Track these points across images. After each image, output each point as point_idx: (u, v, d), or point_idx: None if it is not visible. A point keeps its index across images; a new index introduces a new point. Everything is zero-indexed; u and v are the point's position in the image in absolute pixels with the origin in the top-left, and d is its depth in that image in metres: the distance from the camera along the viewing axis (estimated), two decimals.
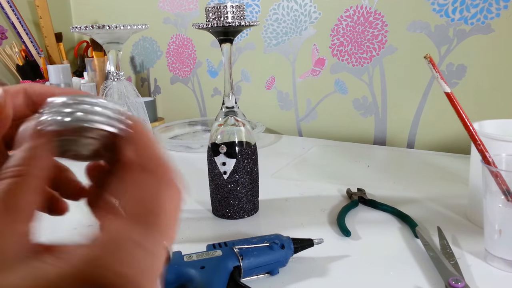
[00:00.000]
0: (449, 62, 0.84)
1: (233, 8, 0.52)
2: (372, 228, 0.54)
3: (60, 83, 1.14)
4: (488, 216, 0.44)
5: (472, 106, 0.83)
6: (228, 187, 0.56)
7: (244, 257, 0.42)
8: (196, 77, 1.23)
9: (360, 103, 0.97)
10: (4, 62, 1.32)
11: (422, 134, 0.91)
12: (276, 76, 1.08)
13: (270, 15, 1.04)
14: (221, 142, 0.56)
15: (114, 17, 1.37)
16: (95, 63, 1.25)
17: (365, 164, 0.79)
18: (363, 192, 0.63)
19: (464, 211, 0.57)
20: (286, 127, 1.10)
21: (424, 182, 0.69)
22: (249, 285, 0.40)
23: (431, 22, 0.84)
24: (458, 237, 0.50)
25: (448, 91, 0.46)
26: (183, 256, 0.42)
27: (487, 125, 0.56)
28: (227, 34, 0.54)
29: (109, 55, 0.50)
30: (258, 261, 0.42)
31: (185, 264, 0.41)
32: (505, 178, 0.43)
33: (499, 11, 0.77)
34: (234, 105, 0.57)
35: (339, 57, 0.97)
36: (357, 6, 0.92)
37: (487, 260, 0.45)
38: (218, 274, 0.39)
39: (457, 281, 0.39)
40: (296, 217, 0.58)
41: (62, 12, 1.49)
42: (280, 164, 0.81)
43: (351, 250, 0.49)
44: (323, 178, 0.72)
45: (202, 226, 0.57)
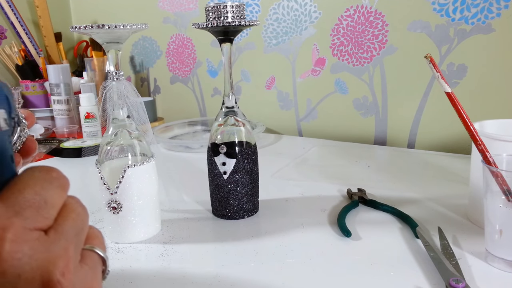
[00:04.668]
0: (449, 62, 0.84)
1: (233, 8, 0.51)
2: (372, 229, 0.54)
3: (60, 83, 1.14)
4: (488, 216, 0.44)
5: (472, 106, 0.83)
6: (228, 187, 0.56)
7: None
8: (196, 77, 1.23)
9: (361, 103, 0.97)
10: (3, 62, 1.32)
11: (422, 134, 0.91)
12: (276, 76, 1.08)
13: (270, 15, 1.04)
14: (221, 142, 0.56)
15: (113, 17, 1.37)
16: (95, 63, 1.25)
17: (366, 164, 0.79)
18: (363, 192, 0.63)
19: (465, 211, 0.57)
20: (286, 127, 1.09)
21: (424, 182, 0.69)
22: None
23: (432, 22, 0.84)
24: (459, 237, 0.50)
25: (448, 91, 0.46)
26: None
27: (488, 125, 0.56)
28: (227, 33, 0.53)
29: (109, 54, 0.50)
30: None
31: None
32: (506, 178, 0.43)
33: (499, 10, 0.77)
34: (234, 105, 0.57)
35: (339, 56, 0.97)
36: (357, 6, 0.92)
37: (487, 261, 0.45)
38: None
39: (458, 281, 0.39)
40: (296, 217, 0.58)
41: (62, 12, 1.48)
42: (280, 164, 0.81)
43: (351, 250, 0.49)
44: (323, 178, 0.72)
45: (202, 226, 0.57)
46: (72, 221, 0.23)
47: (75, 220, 0.24)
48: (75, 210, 0.24)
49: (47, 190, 0.23)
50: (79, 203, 0.25)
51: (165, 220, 0.58)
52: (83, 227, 0.24)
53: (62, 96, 1.15)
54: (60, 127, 1.10)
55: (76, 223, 0.24)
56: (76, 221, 0.24)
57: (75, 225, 0.24)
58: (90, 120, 1.03)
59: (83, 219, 0.24)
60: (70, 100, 1.16)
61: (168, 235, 0.54)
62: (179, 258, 0.48)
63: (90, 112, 1.03)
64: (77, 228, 0.24)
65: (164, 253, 0.50)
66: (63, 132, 1.08)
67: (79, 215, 0.24)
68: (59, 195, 0.23)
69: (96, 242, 0.26)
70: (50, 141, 1.01)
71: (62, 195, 0.24)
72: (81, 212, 0.25)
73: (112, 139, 0.52)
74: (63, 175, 0.24)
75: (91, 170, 0.82)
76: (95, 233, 0.26)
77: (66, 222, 0.23)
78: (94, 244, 0.25)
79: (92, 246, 0.25)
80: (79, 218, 0.24)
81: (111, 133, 0.52)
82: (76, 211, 0.24)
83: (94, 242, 0.26)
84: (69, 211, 0.24)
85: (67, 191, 0.24)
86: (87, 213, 0.25)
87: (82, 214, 0.25)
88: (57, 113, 1.16)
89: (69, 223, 0.23)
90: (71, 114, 1.16)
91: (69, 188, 0.25)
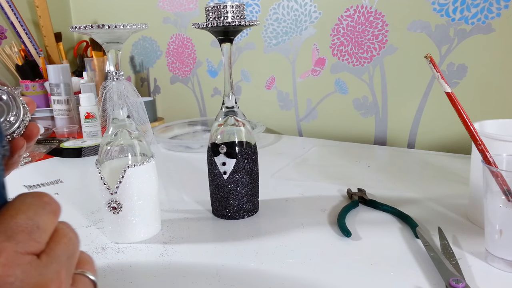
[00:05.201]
0: (449, 62, 0.84)
1: (233, 8, 0.51)
2: (372, 229, 0.54)
3: (60, 83, 1.14)
4: (488, 217, 0.44)
5: (472, 106, 0.83)
6: (228, 187, 0.56)
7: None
8: (196, 77, 1.23)
9: (361, 103, 0.97)
10: (3, 62, 1.32)
11: (422, 134, 0.91)
12: (276, 76, 1.08)
13: (270, 15, 1.04)
14: (221, 142, 0.56)
15: (113, 17, 1.37)
16: (95, 63, 1.25)
17: (366, 164, 0.79)
18: (363, 192, 0.63)
19: (465, 211, 0.57)
20: (286, 127, 1.09)
21: (424, 182, 0.69)
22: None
23: (432, 22, 0.84)
24: (459, 237, 0.50)
25: (448, 91, 0.46)
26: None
27: (488, 125, 0.56)
28: (227, 33, 0.53)
29: (109, 54, 0.50)
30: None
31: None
32: (506, 178, 0.43)
33: (499, 10, 0.77)
34: (234, 105, 0.57)
35: (339, 56, 0.97)
36: (357, 6, 0.92)
37: (487, 261, 0.45)
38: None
39: (458, 281, 0.39)
40: (296, 217, 0.58)
41: (62, 12, 1.48)
42: (280, 164, 0.81)
43: (351, 250, 0.49)
44: (323, 178, 0.72)
45: (202, 226, 0.57)
46: (64, 246, 0.24)
47: (67, 244, 0.24)
48: (66, 235, 0.25)
49: (40, 216, 0.23)
50: (70, 228, 0.26)
51: (165, 220, 0.58)
52: (75, 252, 0.25)
53: (62, 96, 1.15)
54: (60, 127, 1.10)
55: (67, 247, 0.24)
56: (68, 245, 0.24)
57: (67, 249, 0.24)
58: (90, 120, 1.03)
59: (74, 244, 0.25)
60: (70, 100, 1.16)
61: (168, 235, 0.54)
62: (179, 258, 0.48)
63: (90, 112, 1.03)
64: (68, 252, 0.24)
65: (164, 253, 0.50)
66: (63, 132, 1.08)
67: (71, 239, 0.25)
68: (50, 220, 0.24)
69: (87, 267, 0.26)
70: (50, 141, 1.01)
71: (54, 220, 0.24)
72: (72, 237, 0.25)
73: (112, 139, 0.52)
74: (54, 200, 0.25)
75: (91, 170, 0.82)
76: (86, 258, 0.27)
77: (58, 247, 0.23)
78: (85, 269, 0.26)
79: (83, 271, 0.26)
80: (70, 242, 0.25)
81: (111, 133, 0.52)
82: (67, 236, 0.25)
83: (85, 267, 0.26)
84: (61, 236, 0.24)
85: (58, 216, 0.25)
86: (78, 238, 0.26)
87: (73, 239, 0.25)
88: (57, 113, 1.16)
89: (61, 247, 0.24)
90: (71, 114, 1.16)
91: (60, 213, 0.25)
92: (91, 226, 0.58)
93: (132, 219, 0.52)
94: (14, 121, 0.25)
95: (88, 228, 0.57)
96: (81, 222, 0.59)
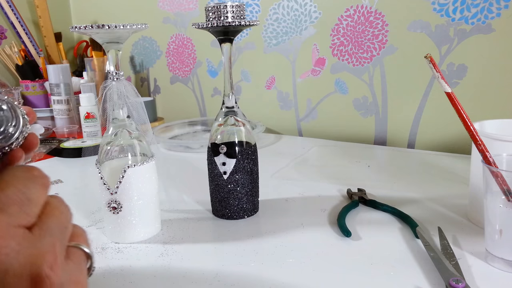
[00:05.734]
0: (449, 62, 0.84)
1: (233, 8, 0.51)
2: (372, 229, 0.54)
3: (60, 83, 1.14)
4: (488, 216, 0.44)
5: (472, 106, 0.83)
6: (228, 187, 0.56)
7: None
8: (196, 77, 1.23)
9: (361, 103, 0.97)
10: (3, 62, 1.32)
11: (422, 134, 0.91)
12: (276, 76, 1.08)
13: (270, 15, 1.04)
14: (221, 142, 0.56)
15: (113, 17, 1.37)
16: (95, 63, 1.25)
17: (366, 164, 0.79)
18: (363, 192, 0.63)
19: (465, 211, 0.57)
20: (286, 127, 1.09)
21: (424, 182, 0.69)
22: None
23: (432, 22, 0.84)
24: (459, 237, 0.50)
25: (448, 91, 0.46)
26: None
27: (488, 125, 0.56)
28: (227, 33, 0.53)
29: (109, 54, 0.50)
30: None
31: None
32: (506, 178, 0.43)
33: (499, 10, 0.77)
34: (234, 105, 0.57)
35: (339, 56, 0.97)
36: (357, 6, 0.92)
37: (487, 261, 0.45)
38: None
39: (458, 281, 0.39)
40: (296, 217, 0.58)
41: (62, 12, 1.48)
42: (280, 164, 0.81)
43: (351, 250, 0.49)
44: (323, 178, 0.72)
45: (202, 226, 0.57)
46: (55, 219, 0.24)
47: (59, 217, 0.24)
48: (58, 208, 0.25)
49: (30, 188, 0.23)
50: (62, 201, 0.26)
51: (165, 220, 0.58)
52: (67, 225, 0.25)
53: (62, 96, 1.15)
54: (60, 127, 1.10)
55: (59, 220, 0.24)
56: (60, 218, 0.24)
57: (59, 222, 0.24)
58: (90, 120, 1.03)
59: (66, 217, 0.25)
60: (70, 100, 1.16)
61: (168, 235, 0.54)
62: (179, 258, 0.48)
63: (90, 112, 1.03)
64: (60, 225, 0.24)
65: (164, 253, 0.50)
66: (63, 132, 1.08)
67: (62, 213, 0.25)
68: (41, 193, 0.24)
69: (80, 239, 0.26)
70: (50, 141, 1.01)
71: (44, 193, 0.24)
72: (64, 210, 0.25)
73: (112, 139, 0.52)
74: (44, 174, 0.25)
75: (91, 170, 0.82)
76: (79, 232, 0.27)
77: (49, 220, 0.23)
78: (79, 241, 0.26)
79: (77, 243, 0.26)
80: (62, 215, 0.24)
81: (111, 133, 0.52)
82: (59, 209, 0.25)
83: (79, 239, 0.26)
84: (52, 209, 0.24)
85: (48, 189, 0.25)
86: (70, 212, 0.26)
87: (65, 212, 0.25)
88: (57, 113, 1.16)
89: (52, 220, 0.24)
90: (71, 114, 1.16)
91: (50, 187, 0.25)
92: (91, 226, 0.58)
93: (132, 219, 0.52)
94: (13, 132, 0.24)
95: (88, 228, 0.57)
96: (81, 222, 0.59)
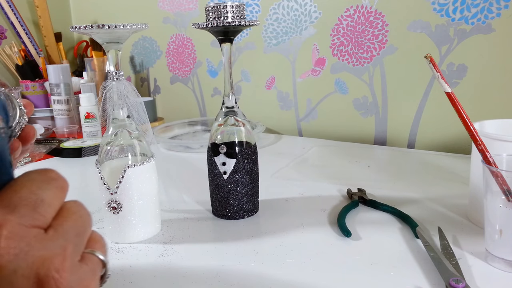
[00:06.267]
0: (449, 62, 0.84)
1: (233, 8, 0.51)
2: (372, 229, 0.54)
3: (60, 83, 1.14)
4: (488, 216, 0.44)
5: (472, 106, 0.83)
6: (228, 187, 0.56)
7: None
8: (196, 77, 1.23)
9: (361, 103, 0.97)
10: (3, 62, 1.32)
11: (422, 134, 0.91)
12: (276, 76, 1.08)
13: (270, 15, 1.04)
14: (221, 142, 0.56)
15: (113, 17, 1.37)
16: (95, 63, 1.25)
17: (366, 164, 0.79)
18: (363, 192, 0.63)
19: (465, 211, 0.57)
20: (286, 127, 1.09)
21: (424, 182, 0.69)
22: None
23: (432, 22, 0.84)
24: (459, 237, 0.50)
25: (448, 91, 0.46)
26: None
27: (488, 125, 0.56)
28: (227, 33, 0.53)
29: (109, 54, 0.50)
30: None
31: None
32: (506, 178, 0.43)
33: (499, 10, 0.77)
34: (234, 105, 0.57)
35: (339, 56, 0.97)
36: (357, 6, 0.92)
37: (487, 261, 0.45)
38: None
39: (458, 281, 0.39)
40: (296, 217, 0.58)
41: (62, 12, 1.48)
42: (280, 164, 0.81)
43: (351, 250, 0.49)
44: (323, 178, 0.72)
45: (202, 226, 0.57)
46: (72, 222, 0.24)
47: (76, 221, 0.24)
48: (76, 212, 0.24)
49: (44, 190, 0.23)
50: (82, 206, 0.25)
51: (165, 220, 0.58)
52: (85, 229, 0.25)
53: (62, 96, 1.15)
54: (60, 127, 1.10)
55: (76, 224, 0.24)
56: (77, 222, 0.24)
57: (76, 226, 0.24)
58: (90, 120, 1.03)
59: (84, 222, 0.25)
60: (70, 100, 1.16)
61: (168, 235, 0.54)
62: (179, 258, 0.48)
63: (90, 112, 1.03)
64: (77, 229, 0.24)
65: (164, 253, 0.50)
66: (63, 132, 1.08)
67: (81, 217, 0.25)
68: (56, 195, 0.24)
69: (97, 246, 0.26)
70: (50, 141, 1.01)
71: (60, 196, 0.24)
72: (83, 214, 0.25)
73: (112, 139, 0.52)
74: (61, 176, 0.25)
75: (91, 170, 0.82)
76: (97, 238, 0.26)
77: (66, 223, 0.23)
78: (95, 248, 0.26)
79: (92, 250, 0.25)
80: (80, 220, 0.24)
81: (111, 133, 0.52)
82: (78, 213, 0.24)
83: (95, 246, 0.26)
84: (71, 213, 0.24)
85: (66, 192, 0.25)
86: (90, 217, 0.25)
87: (84, 217, 0.25)
88: (57, 113, 1.16)
89: (69, 224, 0.23)
90: (71, 114, 1.16)
91: (68, 189, 0.25)
92: None
93: (132, 219, 0.52)
94: (10, 123, 0.25)
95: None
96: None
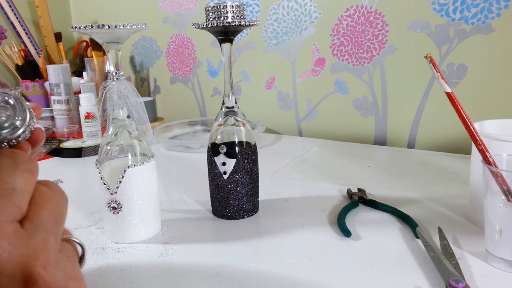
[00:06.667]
0: (449, 62, 0.84)
1: (233, 8, 0.51)
2: (372, 229, 0.54)
3: (60, 83, 1.14)
4: (488, 216, 0.44)
5: (472, 106, 0.83)
6: (228, 187, 0.56)
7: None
8: (196, 77, 1.23)
9: (361, 103, 0.97)
10: (3, 62, 1.32)
11: (422, 134, 0.91)
12: (276, 76, 1.08)
13: (270, 15, 1.04)
14: (221, 142, 0.56)
15: (113, 17, 1.37)
16: (95, 63, 1.25)
17: (366, 164, 0.79)
18: (363, 192, 0.63)
19: (465, 211, 0.57)
20: (286, 127, 1.09)
21: (424, 182, 0.69)
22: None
23: (432, 22, 0.84)
24: (459, 237, 0.50)
25: (448, 91, 0.46)
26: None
27: (488, 125, 0.56)
28: (227, 33, 0.53)
29: (109, 54, 0.50)
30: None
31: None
32: (506, 178, 0.43)
33: (499, 10, 0.77)
34: (234, 105, 0.57)
35: (339, 56, 0.97)
36: (357, 6, 0.92)
37: (487, 261, 0.45)
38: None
39: (458, 281, 0.39)
40: (296, 217, 0.58)
41: (62, 12, 1.48)
42: (280, 164, 0.81)
43: (351, 250, 0.49)
44: (323, 178, 0.72)
45: (202, 226, 0.57)
46: (49, 211, 0.22)
47: (53, 209, 0.22)
48: (51, 198, 0.23)
49: (14, 177, 0.21)
50: (57, 191, 0.24)
51: (165, 220, 0.58)
52: (62, 215, 0.23)
53: (62, 96, 1.15)
54: (60, 127, 1.10)
55: (53, 212, 0.22)
56: (54, 210, 0.22)
57: (53, 214, 0.22)
58: (90, 120, 1.03)
59: (60, 206, 0.23)
60: (70, 100, 1.16)
61: (168, 235, 0.54)
62: (179, 258, 0.48)
63: (90, 112, 1.03)
64: (55, 216, 0.22)
65: (164, 253, 0.50)
66: (63, 132, 1.08)
67: (56, 203, 0.23)
68: (27, 180, 0.22)
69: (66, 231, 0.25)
70: (50, 141, 1.01)
71: (31, 180, 0.22)
72: (57, 198, 0.23)
73: (112, 139, 0.52)
74: (30, 158, 0.23)
75: (91, 170, 0.82)
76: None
77: (42, 212, 0.22)
78: (70, 234, 0.25)
79: (68, 236, 0.24)
80: (56, 206, 0.23)
81: (111, 133, 0.52)
82: (53, 200, 0.23)
83: (69, 232, 0.25)
84: (45, 200, 0.22)
85: (36, 174, 0.23)
86: (66, 201, 0.24)
87: (59, 201, 0.23)
88: (57, 113, 1.16)
89: (46, 212, 0.22)
90: (71, 114, 1.16)
91: (38, 171, 0.23)
92: (91, 226, 0.58)
93: (132, 219, 0.52)
94: (20, 126, 0.25)
95: (88, 228, 0.57)
96: (81, 222, 0.59)
